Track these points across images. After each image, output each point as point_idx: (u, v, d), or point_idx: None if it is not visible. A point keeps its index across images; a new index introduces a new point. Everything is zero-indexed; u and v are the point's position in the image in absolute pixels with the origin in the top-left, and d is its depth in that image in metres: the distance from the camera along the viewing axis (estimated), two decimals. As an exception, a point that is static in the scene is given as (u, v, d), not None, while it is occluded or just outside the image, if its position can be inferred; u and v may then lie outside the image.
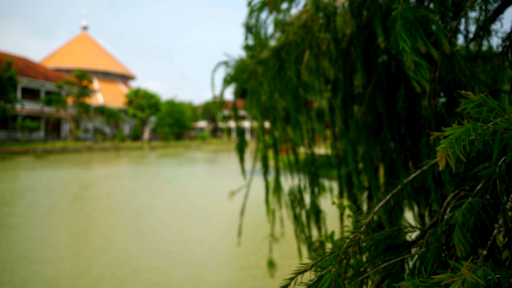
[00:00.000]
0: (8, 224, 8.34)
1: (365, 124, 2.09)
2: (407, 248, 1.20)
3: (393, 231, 1.28)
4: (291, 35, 2.58)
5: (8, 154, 28.70)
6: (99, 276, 5.50)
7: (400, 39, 1.13)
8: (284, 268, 5.77)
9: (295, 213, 2.86)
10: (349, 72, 2.42)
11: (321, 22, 2.39)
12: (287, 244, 6.63)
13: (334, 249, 1.00)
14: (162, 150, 45.40)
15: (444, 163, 0.73)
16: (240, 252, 6.72)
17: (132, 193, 13.00)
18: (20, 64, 42.70)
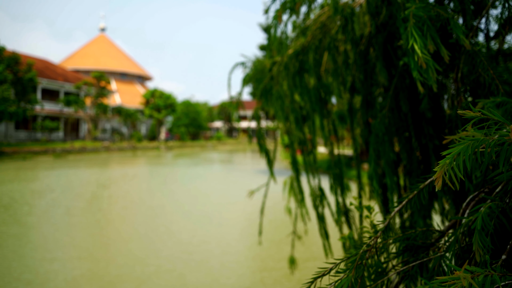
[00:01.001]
0: (28, 223, 8.52)
1: (387, 127, 2.07)
2: (426, 249, 1.19)
3: (411, 233, 1.27)
4: (309, 37, 2.56)
5: (29, 154, 29.32)
6: (117, 276, 5.55)
7: (411, 38, 1.11)
8: (305, 270, 5.76)
9: (318, 213, 2.84)
10: (368, 73, 2.40)
11: (339, 24, 2.37)
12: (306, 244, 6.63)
13: (352, 254, 1.00)
14: (178, 150, 45.75)
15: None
16: (258, 253, 6.71)
17: (148, 193, 13.13)
18: (40, 65, 43.59)
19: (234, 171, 21.61)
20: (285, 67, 2.52)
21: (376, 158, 2.14)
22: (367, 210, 1.42)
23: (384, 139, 2.02)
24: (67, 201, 11.19)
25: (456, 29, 1.32)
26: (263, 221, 3.20)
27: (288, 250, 6.70)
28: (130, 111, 47.06)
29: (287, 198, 2.90)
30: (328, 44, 2.51)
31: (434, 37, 1.15)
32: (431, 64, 1.12)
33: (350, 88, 2.54)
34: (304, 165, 2.95)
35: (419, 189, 1.16)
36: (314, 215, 3.00)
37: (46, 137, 39.35)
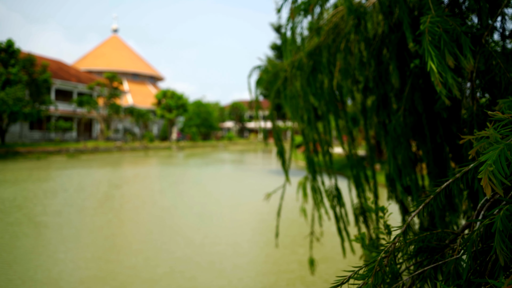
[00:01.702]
0: (41, 222, 8.62)
1: (403, 128, 2.05)
2: (440, 251, 1.18)
3: (426, 235, 1.26)
4: (322, 38, 2.55)
5: (43, 154, 29.73)
6: (129, 277, 5.57)
7: (428, 57, 1.09)
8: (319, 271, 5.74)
9: (335, 213, 2.83)
10: (382, 73, 2.38)
11: (351, 24, 2.36)
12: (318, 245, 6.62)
13: (369, 261, 1.00)
14: (190, 150, 45.94)
15: (490, 190, 0.71)
16: (271, 255, 6.69)
17: (160, 193, 13.21)
18: (54, 66, 44.17)
19: (245, 171, 21.62)
20: (298, 67, 2.51)
21: (394, 159, 2.11)
22: (381, 211, 1.41)
23: (400, 140, 2.01)
24: (79, 201, 11.31)
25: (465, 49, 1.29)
26: (275, 222, 3.19)
27: (301, 252, 6.70)
28: (142, 111, 47.42)
29: (301, 199, 2.89)
30: (340, 44, 2.50)
31: (452, 50, 1.12)
32: (450, 81, 1.10)
33: (364, 88, 2.52)
34: (318, 166, 2.94)
35: (436, 193, 1.15)
36: (327, 216, 2.98)
37: (60, 137, 39.85)
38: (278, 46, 24.66)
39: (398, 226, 1.17)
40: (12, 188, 13.46)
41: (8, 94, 28.15)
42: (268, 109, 2.90)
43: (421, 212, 1.15)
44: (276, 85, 2.69)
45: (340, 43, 2.55)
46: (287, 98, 2.60)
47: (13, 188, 13.47)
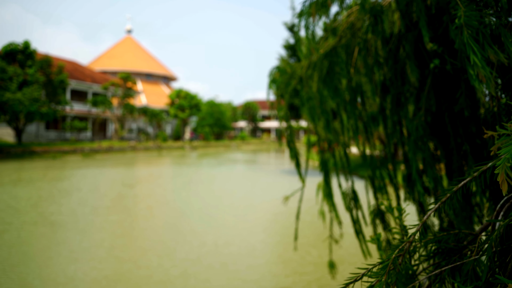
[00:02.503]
0: (56, 222, 8.71)
1: (425, 128, 2.01)
2: (458, 252, 1.16)
3: (443, 235, 1.24)
4: (338, 38, 2.51)
5: (58, 153, 30.17)
6: (142, 278, 5.54)
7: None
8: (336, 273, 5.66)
9: (352, 215, 2.79)
10: (399, 72, 2.33)
11: (368, 23, 2.32)
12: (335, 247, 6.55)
13: (384, 259, 0.99)
14: (203, 149, 46.13)
15: (506, 187, 0.68)
16: (286, 257, 6.63)
17: (173, 193, 13.27)
18: (69, 67, 44.79)
19: (258, 171, 21.61)
20: (314, 68, 2.48)
21: (415, 160, 2.07)
22: (398, 212, 1.39)
23: (423, 140, 1.97)
24: (93, 200, 11.42)
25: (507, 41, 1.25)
26: (290, 224, 3.17)
27: (315, 254, 6.64)
28: (155, 111, 47.79)
29: (320, 201, 2.86)
30: (357, 43, 2.46)
31: (493, 46, 1.09)
32: (489, 75, 1.06)
33: (381, 88, 2.47)
34: (334, 166, 2.90)
35: (452, 192, 1.12)
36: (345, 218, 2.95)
37: (75, 137, 40.40)
38: (291, 45, 24.57)
39: (414, 224, 1.15)
40: (28, 187, 13.68)
41: (24, 94, 28.64)
42: (282, 109, 2.87)
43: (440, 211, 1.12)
44: (291, 86, 2.66)
45: (359, 43, 2.51)
46: (304, 99, 2.57)
47: (28, 187, 13.68)
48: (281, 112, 2.85)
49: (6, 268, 5.80)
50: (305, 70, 2.61)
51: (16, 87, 29.32)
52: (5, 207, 10.16)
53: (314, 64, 2.60)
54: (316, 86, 2.60)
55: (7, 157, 26.93)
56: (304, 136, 40.11)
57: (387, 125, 2.63)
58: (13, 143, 32.06)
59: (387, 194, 2.82)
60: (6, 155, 27.22)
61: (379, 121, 2.71)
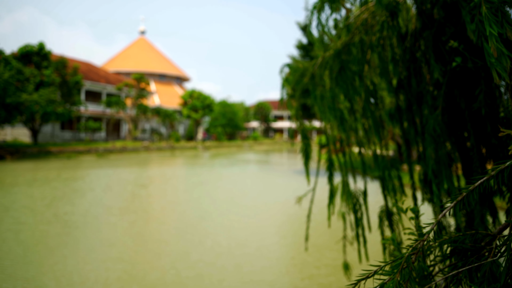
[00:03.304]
0: (70, 222, 8.76)
1: (442, 127, 1.92)
2: (475, 253, 1.12)
3: (459, 235, 1.20)
4: (351, 35, 2.43)
5: (73, 153, 30.53)
6: (155, 280, 5.52)
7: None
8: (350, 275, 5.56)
9: (356, 217, 2.71)
10: (415, 70, 2.24)
11: (383, 19, 2.23)
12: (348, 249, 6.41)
13: (397, 257, 0.96)
14: (215, 150, 46.24)
15: None
16: (300, 259, 6.54)
17: (186, 194, 13.27)
18: (84, 68, 45.36)
19: (271, 172, 21.53)
20: (326, 65, 2.40)
21: (432, 159, 1.98)
22: (413, 212, 1.38)
23: (440, 139, 1.88)
24: (107, 200, 11.48)
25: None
26: (304, 225, 3.09)
27: (330, 256, 6.53)
28: (168, 112, 48.06)
29: (339, 202, 2.78)
30: (372, 41, 2.37)
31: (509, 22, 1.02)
32: (504, 49, 0.99)
33: (397, 86, 2.38)
34: (344, 166, 2.81)
35: (468, 191, 1.09)
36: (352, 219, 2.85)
37: (90, 137, 40.87)
38: (304, 46, 24.44)
39: (428, 223, 1.10)
40: (42, 187, 13.83)
41: (41, 96, 29.08)
42: (295, 108, 2.79)
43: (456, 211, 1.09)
44: (302, 83, 2.57)
45: (372, 41, 2.42)
46: (316, 97, 2.48)
47: (43, 187, 13.83)
48: (293, 111, 2.77)
49: (21, 267, 5.84)
50: (317, 67, 2.53)
51: (33, 88, 29.79)
52: (20, 207, 10.27)
53: (326, 62, 2.52)
54: (328, 84, 2.52)
55: (23, 157, 27.34)
56: (316, 137, 39.89)
57: (403, 124, 2.54)
58: (29, 143, 32.56)
59: (402, 194, 2.73)
60: (22, 155, 27.64)
61: (396, 119, 2.61)
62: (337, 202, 2.89)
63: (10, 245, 6.91)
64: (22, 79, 29.35)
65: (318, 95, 2.27)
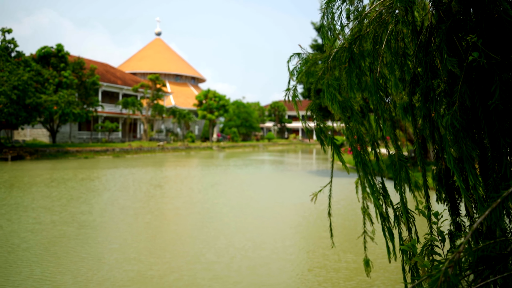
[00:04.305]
0: (86, 222, 8.84)
1: (462, 123, 1.86)
2: (502, 260, 1.07)
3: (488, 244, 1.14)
4: (364, 27, 2.37)
5: (90, 153, 30.96)
6: (169, 282, 5.50)
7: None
8: (361, 272, 5.46)
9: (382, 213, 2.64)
10: (430, 65, 2.17)
11: (398, 12, 2.17)
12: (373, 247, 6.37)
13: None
14: (230, 150, 46.32)
15: None
16: (317, 260, 6.44)
17: (201, 194, 13.29)
18: (101, 69, 45.96)
19: (285, 172, 21.44)
20: (337, 59, 2.34)
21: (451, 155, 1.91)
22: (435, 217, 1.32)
23: (460, 134, 1.81)
24: (123, 200, 11.57)
25: None
26: (319, 227, 3.04)
27: (350, 259, 6.42)
28: (183, 112, 48.35)
29: (361, 199, 2.71)
30: (384, 35, 2.31)
31: None
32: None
33: (411, 81, 2.31)
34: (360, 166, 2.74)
35: (503, 197, 1.02)
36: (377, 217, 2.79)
37: (106, 138, 41.39)
38: (319, 45, 24.28)
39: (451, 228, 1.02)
40: (59, 187, 14.03)
41: (61, 96, 29.59)
42: (308, 108, 2.73)
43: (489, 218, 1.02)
44: (315, 78, 2.51)
45: (384, 34, 2.36)
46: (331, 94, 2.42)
47: (60, 187, 14.03)
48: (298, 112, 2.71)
49: (39, 267, 5.90)
50: (329, 61, 2.47)
51: (53, 89, 30.34)
52: (38, 206, 10.43)
53: (338, 55, 2.46)
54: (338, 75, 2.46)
55: (42, 157, 27.85)
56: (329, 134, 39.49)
57: (417, 120, 2.46)
58: (47, 144, 33.15)
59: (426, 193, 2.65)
60: (41, 155, 28.15)
61: (409, 114, 2.54)
62: (352, 200, 2.82)
63: (29, 245, 7.01)
64: (41, 80, 29.91)
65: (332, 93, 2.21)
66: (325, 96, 2.15)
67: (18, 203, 10.80)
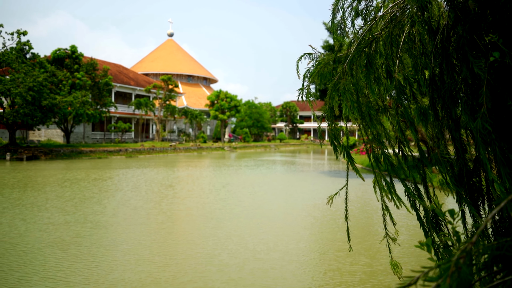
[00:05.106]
0: (100, 223, 8.90)
1: (492, 125, 1.81)
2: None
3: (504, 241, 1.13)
4: (379, 29, 2.33)
5: (104, 153, 31.25)
6: (181, 284, 5.50)
7: None
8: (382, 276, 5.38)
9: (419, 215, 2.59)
10: (449, 66, 2.12)
11: (415, 11, 2.12)
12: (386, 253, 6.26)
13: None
14: (242, 150, 46.33)
15: None
16: (331, 263, 6.37)
17: (213, 195, 13.29)
18: (114, 70, 46.40)
19: (297, 173, 21.35)
20: (352, 60, 2.29)
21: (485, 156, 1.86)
22: (450, 215, 1.31)
23: (492, 136, 1.76)
24: (135, 201, 11.63)
25: None
26: (332, 229, 2.99)
27: (364, 262, 6.34)
28: (195, 113, 48.52)
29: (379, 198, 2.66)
30: (400, 36, 2.26)
31: None
32: None
33: (430, 82, 2.26)
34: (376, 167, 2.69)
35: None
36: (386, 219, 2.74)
37: (119, 138, 41.76)
38: (331, 46, 24.14)
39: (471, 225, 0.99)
40: (72, 187, 14.17)
41: (75, 97, 29.96)
42: (321, 109, 2.69)
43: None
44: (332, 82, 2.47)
45: (398, 35, 2.31)
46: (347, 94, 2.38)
47: (72, 187, 14.17)
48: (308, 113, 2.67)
49: (53, 268, 5.94)
50: (346, 65, 2.43)
51: (67, 90, 30.73)
52: (51, 206, 10.54)
53: (352, 57, 2.41)
54: (355, 80, 2.41)
55: (56, 157, 28.20)
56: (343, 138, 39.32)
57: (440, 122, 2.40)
58: (62, 144, 33.57)
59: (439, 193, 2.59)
60: (55, 155, 28.52)
61: (429, 117, 2.48)
62: (365, 201, 2.77)
63: (43, 245, 7.07)
64: (56, 81, 30.31)
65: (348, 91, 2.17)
66: (343, 102, 2.11)
67: (32, 203, 10.94)
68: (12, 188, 13.80)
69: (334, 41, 2.64)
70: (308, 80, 2.77)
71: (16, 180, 16.00)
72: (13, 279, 5.46)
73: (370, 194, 12.99)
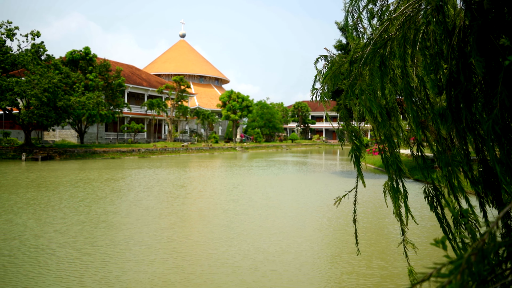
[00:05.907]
0: (113, 223, 8.96)
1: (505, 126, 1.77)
2: None
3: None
4: (394, 29, 2.29)
5: (117, 154, 31.55)
6: (201, 284, 5.49)
7: None
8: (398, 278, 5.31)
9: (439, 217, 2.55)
10: (465, 66, 2.07)
11: (429, 11, 2.07)
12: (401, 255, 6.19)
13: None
14: (253, 151, 46.33)
15: None
16: (343, 266, 6.31)
17: (224, 195, 13.29)
18: (126, 71, 46.82)
19: (310, 174, 21.26)
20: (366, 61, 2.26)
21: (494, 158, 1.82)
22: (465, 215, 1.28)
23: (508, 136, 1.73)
24: (147, 201, 11.69)
25: None
26: (345, 231, 2.96)
27: (378, 265, 6.26)
28: (207, 113, 48.68)
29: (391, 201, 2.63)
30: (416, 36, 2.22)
31: None
32: None
33: (447, 83, 2.22)
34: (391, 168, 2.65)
35: None
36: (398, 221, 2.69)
37: (132, 138, 42.11)
38: (343, 46, 23.99)
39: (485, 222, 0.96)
40: (85, 187, 14.32)
41: (89, 98, 30.31)
42: (334, 109, 2.67)
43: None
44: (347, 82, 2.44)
45: (415, 35, 2.27)
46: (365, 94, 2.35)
47: (85, 187, 14.31)
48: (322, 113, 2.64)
49: (68, 268, 5.99)
50: (360, 66, 2.40)
51: (81, 91, 31.11)
52: (64, 206, 10.66)
53: (366, 57, 2.38)
54: (369, 80, 2.38)
55: (70, 157, 28.56)
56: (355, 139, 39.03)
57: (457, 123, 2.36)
58: (76, 144, 33.99)
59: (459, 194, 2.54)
60: (69, 155, 28.88)
61: (448, 118, 2.43)
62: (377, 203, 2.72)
63: (57, 245, 7.14)
64: (70, 83, 30.69)
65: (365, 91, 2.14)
66: (360, 103, 2.09)
67: (46, 203, 11.08)
68: (27, 188, 14.00)
69: (350, 41, 2.61)
70: (320, 82, 2.75)
71: (30, 180, 16.23)
72: (28, 279, 5.52)
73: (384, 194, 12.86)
